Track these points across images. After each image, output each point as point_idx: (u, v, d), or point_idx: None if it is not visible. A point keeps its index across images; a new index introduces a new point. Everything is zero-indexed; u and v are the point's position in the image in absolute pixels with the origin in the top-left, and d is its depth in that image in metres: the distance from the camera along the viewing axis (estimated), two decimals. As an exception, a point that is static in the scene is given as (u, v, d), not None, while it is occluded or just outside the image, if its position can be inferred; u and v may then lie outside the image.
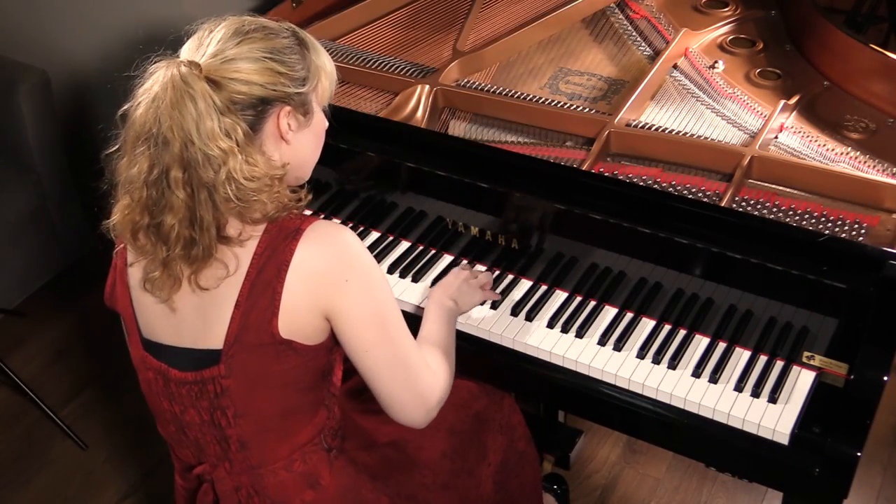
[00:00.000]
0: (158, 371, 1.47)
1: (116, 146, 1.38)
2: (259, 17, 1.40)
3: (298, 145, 1.43)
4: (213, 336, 1.40)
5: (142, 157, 1.33)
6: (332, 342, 1.46)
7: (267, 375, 1.42)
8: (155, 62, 1.33)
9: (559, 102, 1.98)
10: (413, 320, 1.61)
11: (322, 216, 2.00)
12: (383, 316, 1.43)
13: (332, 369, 1.52)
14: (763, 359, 1.65)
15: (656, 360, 1.67)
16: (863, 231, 1.66)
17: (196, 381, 1.43)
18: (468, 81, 2.06)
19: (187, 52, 1.37)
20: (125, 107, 1.36)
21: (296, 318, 1.39)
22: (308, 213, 1.49)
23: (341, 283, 1.39)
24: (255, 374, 1.41)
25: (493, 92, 2.01)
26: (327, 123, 1.49)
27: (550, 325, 1.75)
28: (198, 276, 1.36)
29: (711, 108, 1.96)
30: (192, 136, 1.28)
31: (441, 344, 1.59)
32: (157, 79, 1.31)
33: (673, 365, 1.66)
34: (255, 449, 1.47)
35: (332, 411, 1.54)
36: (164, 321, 1.44)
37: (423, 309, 1.79)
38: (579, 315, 1.76)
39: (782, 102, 1.93)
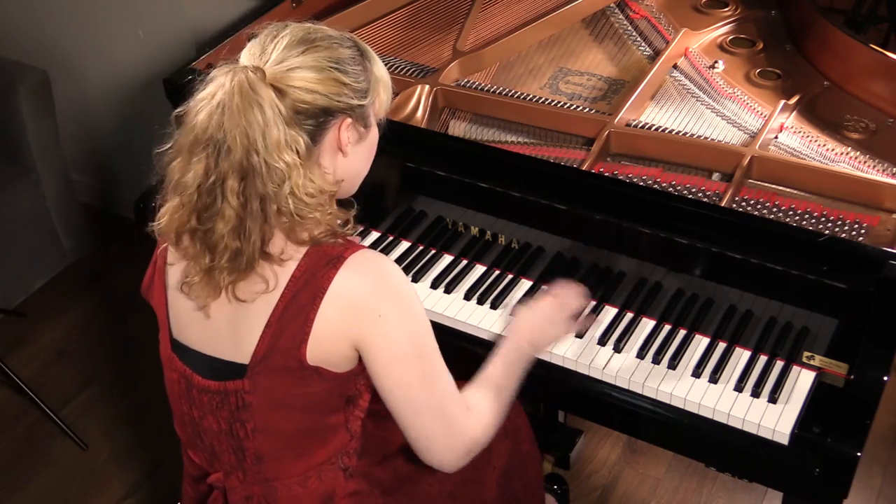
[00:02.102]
0: (183, 374, 1.46)
1: (169, 146, 1.35)
2: (323, 26, 1.38)
3: (354, 158, 1.41)
4: (240, 351, 1.39)
5: (198, 162, 1.30)
6: (360, 368, 1.43)
7: (290, 397, 1.40)
8: (219, 66, 1.31)
9: (559, 102, 1.98)
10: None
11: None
12: (418, 354, 1.39)
13: (360, 393, 1.49)
14: (763, 359, 1.65)
15: (656, 361, 1.67)
16: (863, 231, 1.66)
17: (219, 391, 1.42)
18: (468, 81, 2.06)
19: (249, 57, 1.34)
20: (180, 108, 1.33)
21: (325, 346, 1.36)
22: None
23: (374, 317, 1.35)
24: (279, 395, 1.40)
25: (493, 92, 2.01)
26: (377, 138, 1.47)
27: (550, 325, 1.75)
28: (236, 286, 1.34)
29: (711, 108, 1.96)
30: (258, 146, 1.26)
31: (494, 386, 1.52)
32: (220, 84, 1.28)
33: (673, 365, 1.66)
34: (271, 463, 1.46)
35: (355, 433, 1.51)
36: (196, 326, 1.43)
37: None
38: (579, 315, 1.76)
39: (782, 102, 1.93)
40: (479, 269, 1.88)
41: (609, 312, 1.77)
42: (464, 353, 1.75)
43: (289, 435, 1.44)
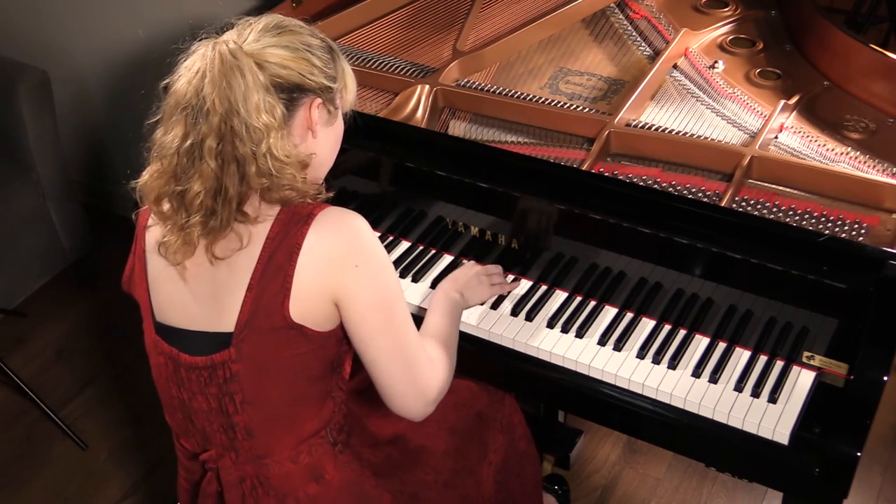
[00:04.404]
0: (169, 356, 1.48)
1: (158, 116, 1.42)
2: (294, 19, 1.47)
3: (322, 140, 1.47)
4: (225, 320, 1.42)
5: (177, 125, 1.37)
6: (343, 332, 1.48)
7: (276, 361, 1.43)
8: (201, 38, 1.38)
9: (559, 102, 1.98)
10: (414, 320, 1.61)
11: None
12: (389, 304, 1.45)
13: (342, 361, 1.53)
14: (763, 359, 1.65)
15: (656, 360, 1.67)
16: (863, 231, 1.66)
17: (206, 366, 1.44)
18: (468, 81, 2.06)
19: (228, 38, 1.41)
20: (167, 80, 1.40)
21: (307, 303, 1.40)
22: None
23: (351, 267, 1.41)
24: (265, 360, 1.43)
25: (493, 92, 2.01)
26: (343, 131, 1.54)
27: (550, 325, 1.75)
28: (213, 246, 1.39)
29: (711, 108, 1.96)
30: (239, 107, 1.33)
31: (443, 336, 1.60)
32: (202, 55, 1.36)
33: (673, 365, 1.66)
34: (261, 438, 1.48)
35: (339, 405, 1.55)
36: (179, 303, 1.46)
37: (423, 309, 1.79)
38: (579, 315, 1.76)
39: (782, 102, 1.93)
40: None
41: (609, 312, 1.77)
42: (461, 352, 1.75)
43: (277, 404, 1.47)
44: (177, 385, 1.50)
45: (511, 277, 1.85)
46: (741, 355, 1.67)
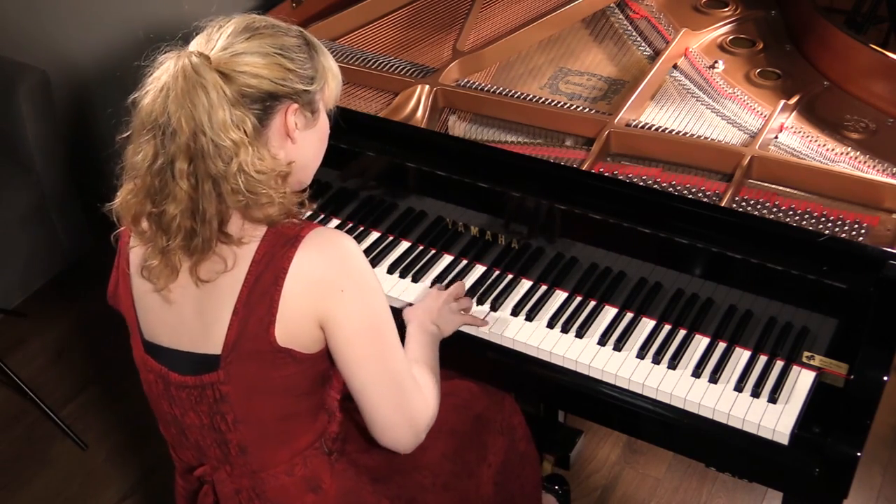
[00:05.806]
0: (158, 374, 1.47)
1: (128, 132, 1.38)
2: (268, 17, 1.41)
3: (303, 145, 1.42)
4: (211, 341, 1.40)
5: (147, 144, 1.33)
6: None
7: (265, 382, 1.41)
8: (165, 52, 1.33)
9: (559, 102, 1.98)
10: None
11: (322, 215, 2.01)
12: (378, 329, 1.41)
13: (332, 375, 1.51)
14: (763, 359, 1.65)
15: (656, 360, 1.67)
16: (863, 231, 1.66)
17: (195, 385, 1.43)
18: (468, 81, 2.06)
19: (196, 46, 1.36)
20: (134, 94, 1.36)
21: (293, 327, 1.38)
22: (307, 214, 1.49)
23: (337, 291, 1.37)
24: (254, 381, 1.41)
25: (493, 92, 2.01)
26: (328, 129, 1.49)
27: (550, 325, 1.75)
28: (198, 268, 1.36)
29: (711, 108, 1.96)
30: (204, 126, 1.28)
31: (428, 365, 1.57)
32: (166, 69, 1.31)
33: (673, 365, 1.66)
34: (255, 454, 1.47)
35: (333, 416, 1.54)
36: (166, 323, 1.44)
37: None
38: (579, 315, 1.76)
39: (782, 102, 1.93)
40: (480, 269, 1.88)
41: (609, 312, 1.77)
42: (461, 352, 1.75)
43: (269, 421, 1.45)
44: (168, 401, 1.48)
45: (511, 277, 1.85)
46: (741, 355, 1.67)
